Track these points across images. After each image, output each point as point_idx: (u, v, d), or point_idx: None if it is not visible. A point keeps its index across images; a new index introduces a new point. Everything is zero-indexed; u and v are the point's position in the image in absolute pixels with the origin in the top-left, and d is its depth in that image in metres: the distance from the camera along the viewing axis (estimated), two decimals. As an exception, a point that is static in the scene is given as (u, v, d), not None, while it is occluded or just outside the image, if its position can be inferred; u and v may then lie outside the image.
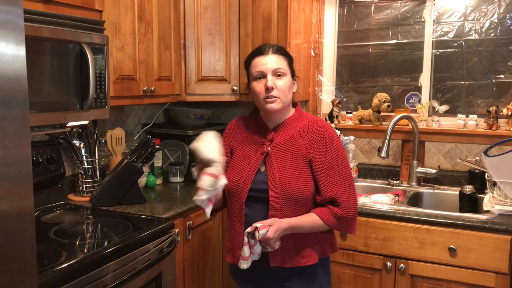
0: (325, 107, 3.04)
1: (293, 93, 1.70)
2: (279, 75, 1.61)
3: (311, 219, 1.59)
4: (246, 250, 1.50)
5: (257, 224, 1.47)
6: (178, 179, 2.76)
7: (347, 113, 2.93)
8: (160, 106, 3.01)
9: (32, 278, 1.17)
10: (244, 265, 1.51)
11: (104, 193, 2.21)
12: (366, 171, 2.88)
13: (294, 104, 1.73)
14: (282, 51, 1.66)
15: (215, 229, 2.52)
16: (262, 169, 1.65)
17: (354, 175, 2.82)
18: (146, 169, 2.54)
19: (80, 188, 2.32)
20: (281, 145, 1.64)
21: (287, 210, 1.58)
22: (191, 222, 2.25)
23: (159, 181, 2.69)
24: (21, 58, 1.11)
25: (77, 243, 1.77)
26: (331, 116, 2.90)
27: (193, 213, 2.28)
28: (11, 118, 1.10)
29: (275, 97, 1.60)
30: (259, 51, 1.65)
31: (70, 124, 1.94)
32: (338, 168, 1.59)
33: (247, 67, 1.70)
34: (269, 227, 1.48)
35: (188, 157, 2.85)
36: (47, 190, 2.18)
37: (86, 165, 2.32)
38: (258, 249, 1.52)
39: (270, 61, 1.61)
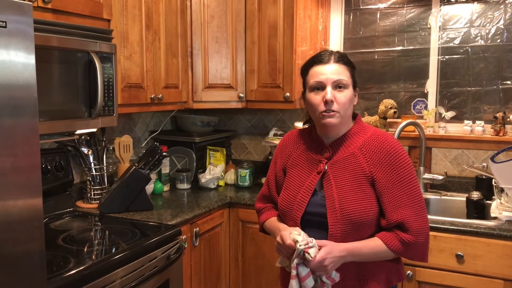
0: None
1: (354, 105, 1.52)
2: (340, 87, 1.43)
3: (374, 244, 1.40)
4: (294, 284, 1.28)
5: (304, 245, 1.28)
6: (185, 185, 2.77)
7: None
8: (168, 114, 3.04)
9: (41, 284, 1.18)
10: (294, 284, 1.30)
11: (112, 200, 2.23)
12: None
13: (354, 116, 1.54)
14: (344, 59, 1.47)
15: (223, 236, 2.53)
16: (319, 190, 1.48)
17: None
18: (153, 176, 2.55)
19: (88, 195, 2.34)
20: (339, 163, 1.46)
21: (349, 236, 1.39)
22: (198, 228, 2.26)
23: (166, 187, 2.70)
24: (31, 67, 1.14)
25: (85, 250, 1.78)
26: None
27: (200, 219, 2.29)
28: (21, 126, 1.12)
29: (334, 111, 1.42)
30: (319, 59, 1.47)
31: (78, 131, 1.97)
32: (405, 188, 1.40)
33: (304, 74, 1.52)
34: (321, 248, 1.32)
35: (195, 164, 2.87)
36: (55, 197, 2.20)
37: (94, 172, 2.34)
38: (310, 283, 1.30)
39: (331, 71, 1.43)
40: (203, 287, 2.35)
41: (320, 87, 1.44)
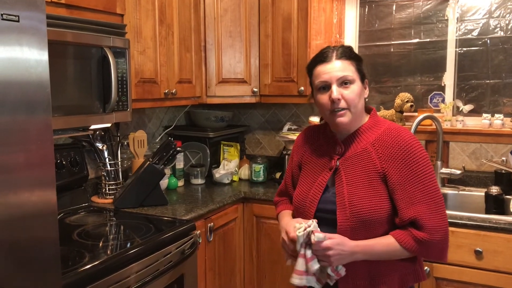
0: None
1: (365, 98, 1.46)
2: (345, 83, 1.39)
3: (386, 242, 1.35)
4: (300, 262, 1.29)
5: (304, 230, 1.29)
6: (200, 181, 2.77)
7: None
8: (181, 109, 3.03)
9: (56, 279, 1.18)
10: (296, 280, 1.30)
11: (127, 195, 2.24)
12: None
13: (369, 110, 1.49)
14: (347, 54, 1.42)
15: (237, 231, 2.52)
16: (331, 187, 1.45)
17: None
18: (167, 171, 2.55)
19: (103, 190, 2.35)
20: (351, 159, 1.42)
21: (359, 234, 1.35)
22: (212, 224, 2.25)
23: (180, 183, 2.70)
24: (44, 62, 1.13)
25: (100, 244, 1.79)
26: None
27: (214, 214, 2.29)
28: (34, 122, 1.12)
29: (343, 109, 1.38)
30: (321, 57, 1.43)
31: (93, 127, 1.97)
32: (419, 184, 1.34)
33: (309, 75, 1.50)
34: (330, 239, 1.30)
35: (209, 159, 2.86)
36: (70, 192, 2.21)
37: (109, 168, 2.34)
38: (315, 265, 1.29)
39: (334, 69, 1.39)
40: (217, 282, 2.35)
41: (325, 86, 1.41)
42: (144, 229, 1.93)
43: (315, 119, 2.70)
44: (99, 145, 2.33)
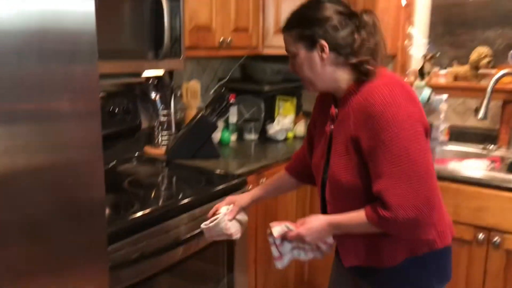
0: (415, 63, 2.77)
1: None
2: (293, 57, 1.31)
3: (357, 217, 1.23)
4: (273, 250, 1.36)
5: (273, 224, 1.35)
6: (253, 136, 2.68)
7: (441, 69, 2.66)
8: (236, 61, 2.91)
9: (100, 222, 1.14)
10: (279, 265, 1.37)
11: (179, 146, 2.19)
12: (458, 134, 2.61)
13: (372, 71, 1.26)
14: (288, 25, 1.31)
15: (290, 189, 2.43)
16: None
17: (444, 138, 2.57)
18: (220, 124, 2.47)
19: (156, 140, 2.31)
20: (339, 124, 1.30)
21: (344, 206, 1.28)
22: (264, 179, 2.17)
23: (233, 137, 2.63)
24: (90, 10, 1.05)
25: (151, 194, 1.75)
26: (421, 73, 2.64)
27: (267, 170, 2.20)
28: (80, 72, 1.06)
29: (303, 80, 1.33)
30: None
31: (145, 74, 1.91)
32: (388, 154, 1.15)
33: None
34: (291, 225, 1.31)
35: (263, 114, 2.75)
36: (123, 141, 2.19)
37: (161, 118, 2.30)
38: (287, 247, 1.35)
39: (284, 43, 1.32)
40: (267, 239, 2.28)
41: None
42: (195, 181, 1.88)
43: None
44: (152, 94, 2.27)
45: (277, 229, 1.32)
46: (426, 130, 1.20)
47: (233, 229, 1.42)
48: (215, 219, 1.43)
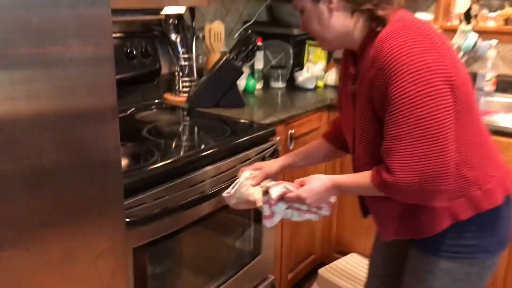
0: (461, 5, 2.52)
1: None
2: (301, 13, 1.20)
3: (362, 178, 1.13)
4: (265, 208, 1.23)
5: (271, 183, 1.23)
6: (280, 84, 2.49)
7: (490, 12, 2.42)
8: (263, 2, 2.68)
9: (115, 173, 1.01)
10: (268, 224, 1.25)
11: (202, 93, 2.02)
12: (507, 84, 2.39)
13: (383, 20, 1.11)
14: None
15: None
16: None
17: (491, 88, 2.35)
18: (245, 71, 2.29)
19: (177, 87, 2.15)
20: (359, 83, 1.14)
21: (362, 160, 1.18)
22: (293, 130, 2.01)
23: (259, 85, 2.45)
24: None
25: (172, 143, 1.61)
26: (467, 16, 2.39)
27: (296, 121, 2.03)
28: (90, 13, 0.91)
29: (315, 38, 1.21)
30: None
31: (165, 11, 1.72)
32: (396, 112, 1.01)
33: None
34: (290, 185, 1.20)
35: (291, 61, 2.55)
36: (142, 86, 2.04)
37: (183, 62, 2.12)
38: (282, 207, 1.23)
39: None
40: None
41: None
42: (219, 131, 1.73)
43: (422, 16, 2.27)
44: (172, 36, 2.08)
45: (275, 190, 1.20)
46: (450, 83, 1.01)
47: (257, 195, 1.27)
48: (236, 184, 1.29)
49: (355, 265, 2.19)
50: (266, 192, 1.22)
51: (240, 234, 1.75)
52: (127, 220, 1.12)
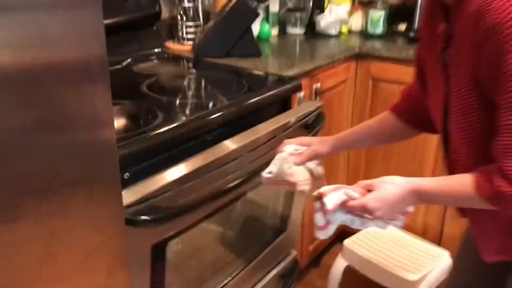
0: None
1: None
2: None
3: (457, 185, 0.83)
4: (318, 217, 0.93)
5: (326, 188, 0.91)
6: (298, 30, 2.18)
7: None
8: None
9: (107, 144, 0.76)
10: (321, 236, 0.96)
11: (210, 40, 1.71)
12: None
13: None
14: None
15: (347, 96, 1.97)
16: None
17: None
18: (260, 13, 1.96)
19: (180, 33, 1.84)
20: (456, 47, 0.85)
21: (462, 151, 0.89)
22: (319, 84, 1.71)
23: (274, 31, 2.14)
24: None
25: (177, 101, 1.32)
26: None
27: (321, 73, 1.73)
28: None
29: None
30: None
31: None
32: (507, 93, 0.74)
33: None
34: (352, 191, 0.89)
35: (311, 3, 2.22)
36: (139, 33, 1.73)
37: (186, 4, 1.80)
38: (340, 216, 0.93)
39: None
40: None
41: None
42: (234, 86, 1.45)
43: None
44: (174, -29, 1.75)
45: (332, 197, 0.89)
46: None
47: (300, 177, 0.99)
48: (277, 159, 1.02)
49: (379, 237, 1.94)
50: (319, 198, 0.92)
51: (267, 212, 1.50)
52: (142, 218, 0.90)
